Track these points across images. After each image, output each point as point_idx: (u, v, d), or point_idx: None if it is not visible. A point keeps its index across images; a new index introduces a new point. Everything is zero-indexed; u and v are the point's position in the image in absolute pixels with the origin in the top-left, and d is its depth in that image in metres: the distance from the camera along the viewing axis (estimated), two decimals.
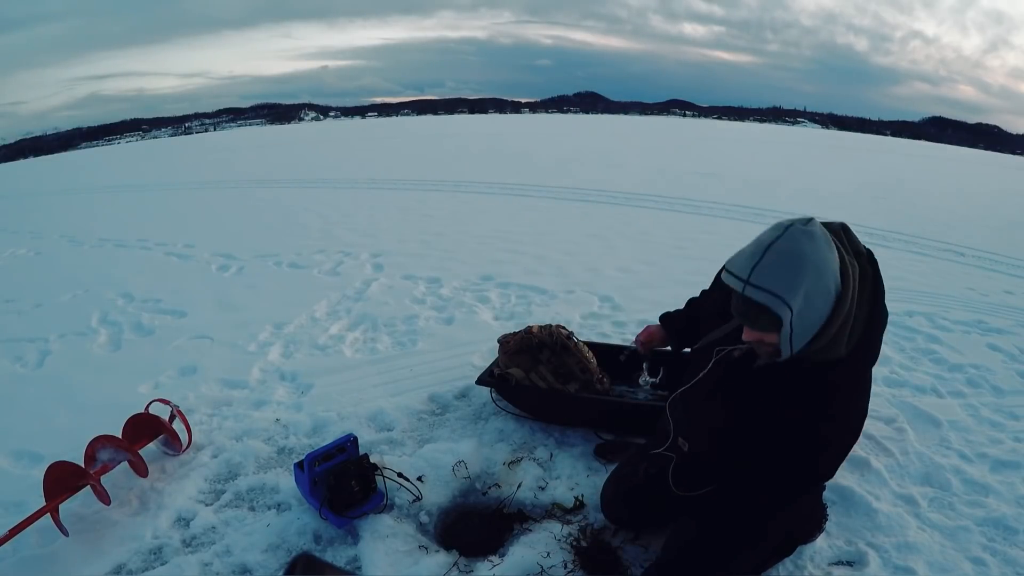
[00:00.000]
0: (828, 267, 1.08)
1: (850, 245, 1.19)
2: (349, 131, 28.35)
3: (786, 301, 1.06)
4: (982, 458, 2.10)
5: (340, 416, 2.32)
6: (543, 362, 2.21)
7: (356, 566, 1.59)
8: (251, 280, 4.23)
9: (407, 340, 3.09)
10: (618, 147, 16.39)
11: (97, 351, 3.08)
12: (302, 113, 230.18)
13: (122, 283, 4.15)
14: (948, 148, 31.24)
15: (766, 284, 1.08)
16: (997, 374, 2.78)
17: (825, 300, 1.09)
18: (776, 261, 1.08)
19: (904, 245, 5.57)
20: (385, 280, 4.10)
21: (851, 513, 1.78)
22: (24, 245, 5.72)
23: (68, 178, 13.15)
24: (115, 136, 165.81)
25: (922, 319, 3.47)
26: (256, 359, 2.88)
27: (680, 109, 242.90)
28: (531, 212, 6.71)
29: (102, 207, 8.19)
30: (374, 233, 5.60)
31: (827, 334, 1.12)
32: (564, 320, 3.09)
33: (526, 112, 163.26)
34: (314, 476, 1.71)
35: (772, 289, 1.07)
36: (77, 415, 2.38)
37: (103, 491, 1.78)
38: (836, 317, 1.11)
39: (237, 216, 6.84)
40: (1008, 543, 1.69)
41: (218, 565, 1.61)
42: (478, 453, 2.02)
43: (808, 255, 1.07)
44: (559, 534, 1.66)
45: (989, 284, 4.37)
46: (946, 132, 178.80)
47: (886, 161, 16.54)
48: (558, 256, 4.72)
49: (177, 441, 2.07)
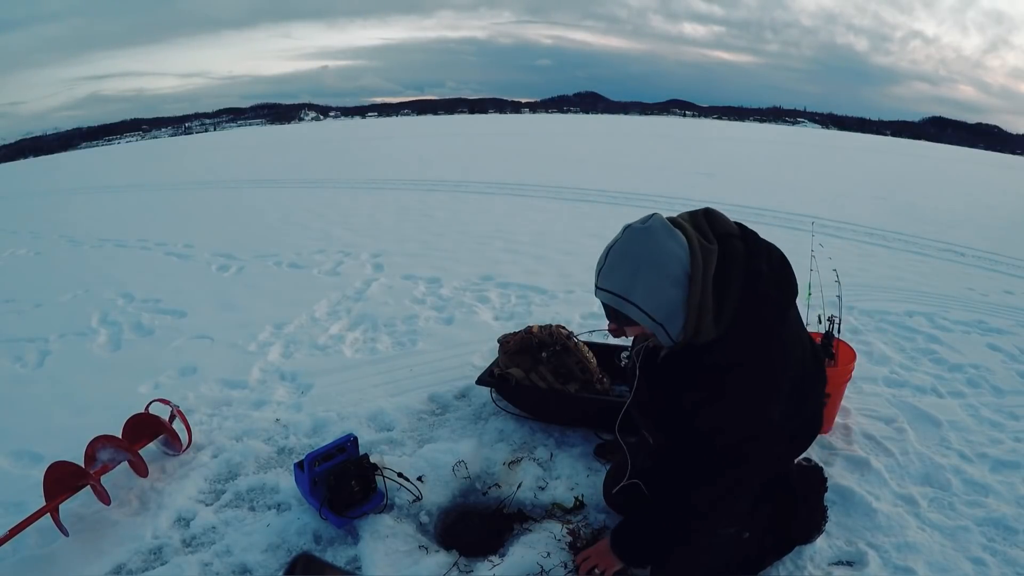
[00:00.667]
0: (667, 258, 1.13)
1: (713, 228, 1.22)
2: (349, 131, 28.36)
3: (626, 298, 1.16)
4: (982, 458, 2.10)
5: (340, 416, 2.32)
6: (543, 362, 2.21)
7: (356, 566, 1.59)
8: (251, 280, 4.23)
9: (407, 340, 3.09)
10: (618, 147, 16.40)
11: (97, 351, 3.08)
12: (302, 113, 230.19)
13: (122, 283, 4.15)
14: (948, 148, 31.24)
15: (607, 285, 1.18)
16: (997, 374, 2.78)
17: (673, 286, 1.14)
18: (613, 263, 1.18)
19: (904, 245, 5.57)
20: (385, 280, 4.10)
21: (851, 513, 1.78)
22: (24, 245, 5.72)
23: (68, 178, 13.15)
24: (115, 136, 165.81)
25: (922, 319, 3.46)
26: (256, 359, 2.88)
27: (680, 109, 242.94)
28: (531, 212, 6.71)
29: (102, 207, 8.19)
30: (374, 233, 5.60)
31: (691, 317, 1.16)
32: (564, 320, 3.09)
33: (526, 112, 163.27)
34: (314, 476, 1.71)
35: (612, 289, 1.18)
36: (77, 415, 2.38)
37: (103, 491, 1.78)
38: (690, 300, 1.15)
39: (237, 216, 6.84)
40: (1008, 543, 1.69)
41: (218, 565, 1.61)
42: (478, 453, 2.02)
43: (640, 253, 1.14)
44: (559, 534, 1.66)
45: (989, 284, 4.37)
46: (946, 132, 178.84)
47: (886, 161, 16.54)
48: (558, 256, 4.72)
49: (177, 441, 2.07)
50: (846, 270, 3.13)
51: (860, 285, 3.92)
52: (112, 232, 6.04)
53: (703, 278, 1.14)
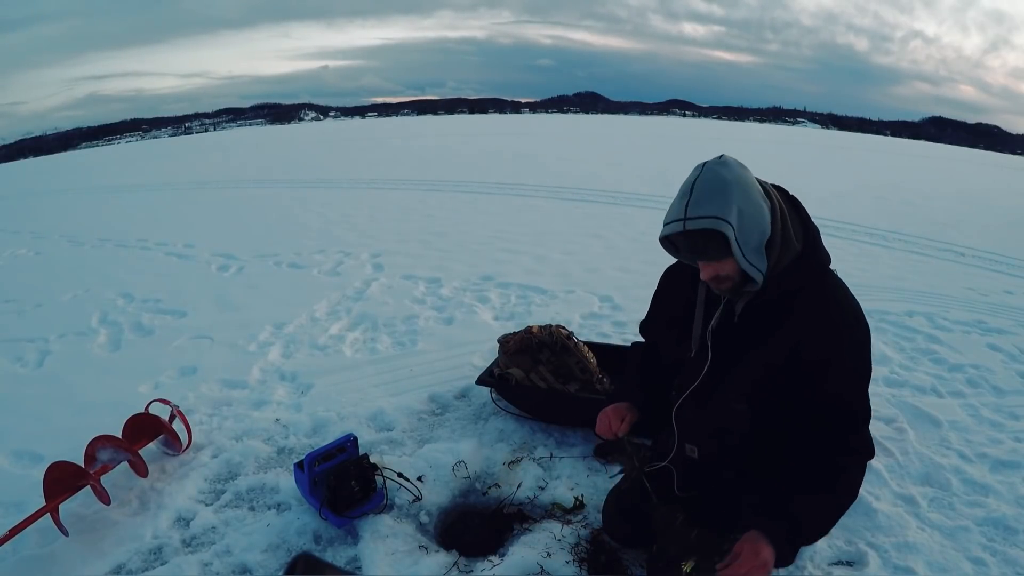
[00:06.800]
0: (750, 184, 1.19)
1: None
2: (349, 131, 28.35)
3: (723, 218, 1.15)
4: (982, 458, 2.10)
5: (340, 416, 2.32)
6: (543, 362, 2.21)
7: (356, 566, 1.59)
8: (251, 280, 4.23)
9: (407, 340, 3.09)
10: (618, 147, 16.39)
11: (97, 351, 3.08)
12: (302, 113, 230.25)
13: (122, 283, 4.15)
14: (948, 148, 31.22)
15: (701, 212, 1.17)
16: (997, 374, 2.78)
17: (758, 210, 1.18)
18: (703, 191, 1.18)
19: (904, 245, 5.57)
20: (385, 280, 4.10)
21: (851, 513, 1.76)
22: (24, 245, 5.73)
23: (68, 178, 13.15)
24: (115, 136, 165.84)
25: (922, 319, 3.46)
26: (256, 359, 2.88)
27: (680, 109, 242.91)
28: (531, 212, 6.71)
29: (102, 207, 8.19)
30: (374, 233, 5.60)
31: (775, 240, 1.21)
32: (564, 320, 3.09)
33: (526, 112, 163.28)
34: (314, 476, 1.71)
35: (707, 213, 1.16)
36: (77, 415, 2.38)
37: (103, 491, 1.78)
38: (774, 223, 1.21)
39: (237, 216, 6.84)
40: (1008, 543, 1.69)
41: (218, 565, 1.61)
42: (478, 453, 2.03)
43: (728, 178, 1.18)
44: (559, 534, 1.66)
45: (989, 284, 4.37)
46: (946, 132, 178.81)
47: (886, 161, 16.54)
48: (558, 256, 4.72)
49: (177, 441, 2.07)
50: (846, 270, 3.11)
51: (860, 285, 3.90)
52: (112, 232, 6.04)
53: (778, 200, 1.24)
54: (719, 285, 1.26)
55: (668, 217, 1.22)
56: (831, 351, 1.24)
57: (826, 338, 1.24)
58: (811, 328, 1.24)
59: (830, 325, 1.25)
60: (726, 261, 1.20)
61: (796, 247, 1.23)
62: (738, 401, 1.33)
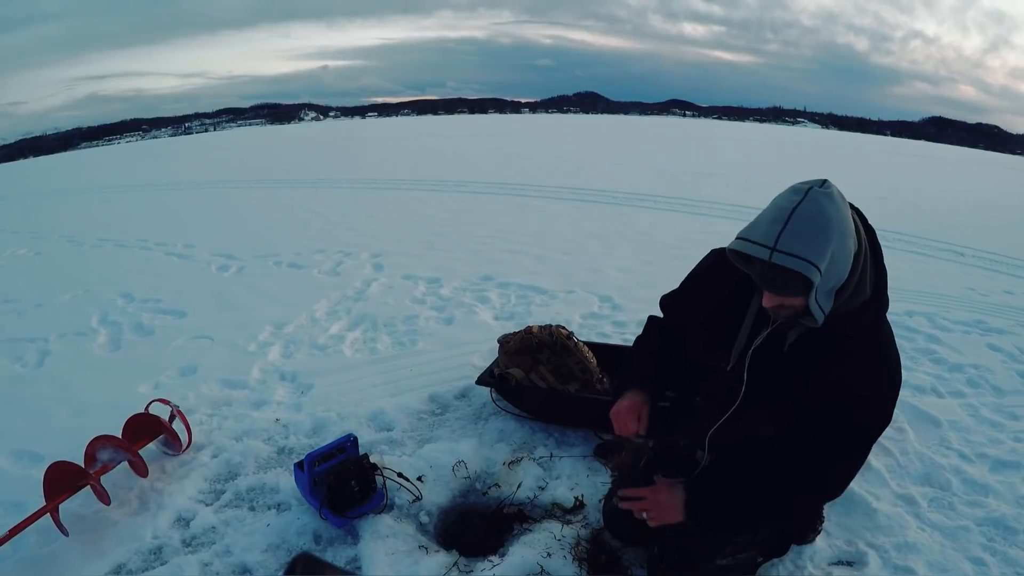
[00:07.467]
0: (849, 226, 1.09)
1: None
2: (349, 131, 28.36)
3: (816, 264, 1.04)
4: (982, 458, 2.10)
5: (340, 416, 2.32)
6: (543, 362, 2.21)
7: (356, 566, 1.59)
8: (251, 280, 4.23)
9: (407, 340, 3.09)
10: (618, 147, 16.39)
11: (97, 351, 3.08)
12: (302, 113, 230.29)
13: (122, 283, 4.15)
14: (948, 148, 31.23)
15: (795, 250, 1.05)
16: (997, 374, 2.78)
17: (847, 257, 1.09)
18: (802, 226, 1.05)
19: (904, 245, 5.57)
20: (385, 280, 4.10)
21: (851, 513, 1.78)
22: (24, 245, 5.72)
23: (68, 178, 13.15)
24: (115, 136, 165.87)
25: (922, 319, 3.46)
26: (256, 359, 2.88)
27: (680, 109, 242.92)
28: (531, 212, 6.71)
29: (102, 207, 8.18)
30: (374, 233, 5.60)
31: (848, 286, 1.13)
32: (564, 320, 3.09)
33: (526, 112, 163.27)
34: (314, 476, 1.71)
35: (802, 254, 1.04)
36: (77, 415, 2.38)
37: (103, 491, 1.78)
38: (855, 270, 1.12)
39: (237, 216, 6.84)
40: (1008, 543, 1.69)
41: (218, 565, 1.61)
42: (478, 453, 2.02)
43: (832, 217, 1.06)
44: (559, 534, 1.66)
45: (989, 284, 4.37)
46: (946, 132, 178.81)
47: (886, 161, 16.55)
48: (558, 256, 4.72)
49: (177, 441, 2.07)
50: None
51: None
52: (112, 232, 6.04)
53: (864, 248, 1.14)
54: (778, 311, 1.19)
55: (752, 235, 1.10)
56: (871, 392, 1.25)
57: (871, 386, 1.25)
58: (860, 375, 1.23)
59: (879, 376, 1.25)
60: (797, 298, 1.12)
61: (866, 294, 1.16)
62: (766, 425, 1.32)
